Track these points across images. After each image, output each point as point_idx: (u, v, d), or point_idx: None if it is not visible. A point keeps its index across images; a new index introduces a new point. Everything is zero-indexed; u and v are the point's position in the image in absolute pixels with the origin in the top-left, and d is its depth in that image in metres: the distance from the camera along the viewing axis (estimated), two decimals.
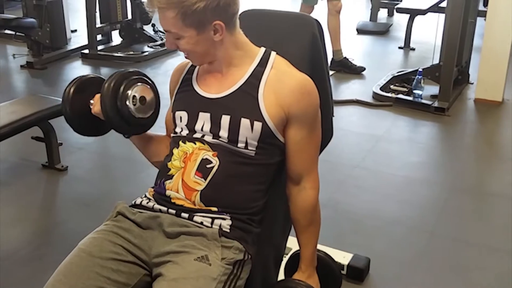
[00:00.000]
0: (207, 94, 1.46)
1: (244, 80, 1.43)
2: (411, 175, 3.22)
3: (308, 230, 1.53)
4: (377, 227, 2.67)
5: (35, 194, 3.04)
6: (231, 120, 1.41)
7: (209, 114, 1.44)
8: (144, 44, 5.65)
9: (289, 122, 1.43)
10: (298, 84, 1.42)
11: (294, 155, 1.47)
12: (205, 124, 1.44)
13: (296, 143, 1.45)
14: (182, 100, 1.51)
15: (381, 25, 6.50)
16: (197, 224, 1.39)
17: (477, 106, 4.24)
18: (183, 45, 1.41)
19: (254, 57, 1.46)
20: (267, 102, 1.40)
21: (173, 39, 1.41)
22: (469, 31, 4.27)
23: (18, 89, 4.87)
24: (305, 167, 1.48)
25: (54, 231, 2.67)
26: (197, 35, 1.37)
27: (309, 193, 1.50)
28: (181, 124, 1.48)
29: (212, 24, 1.36)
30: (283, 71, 1.44)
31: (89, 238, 1.42)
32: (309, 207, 1.51)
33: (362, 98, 4.28)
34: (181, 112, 1.49)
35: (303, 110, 1.42)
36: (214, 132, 1.43)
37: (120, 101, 1.48)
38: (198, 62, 1.49)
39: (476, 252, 2.50)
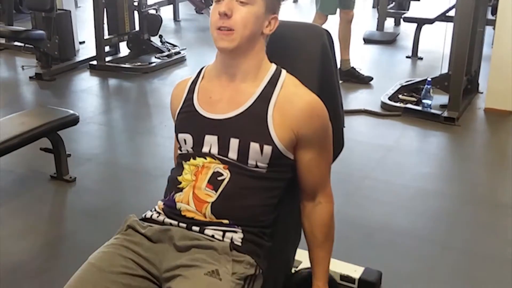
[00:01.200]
0: (212, 115, 1.43)
1: (253, 101, 1.41)
2: (422, 186, 3.19)
3: (324, 246, 1.51)
4: (388, 240, 2.64)
5: (44, 205, 3.03)
6: (240, 143, 1.39)
7: (216, 137, 1.41)
8: (151, 55, 5.66)
9: (299, 143, 1.41)
10: (308, 106, 1.40)
11: (306, 173, 1.46)
12: (213, 147, 1.41)
13: (307, 162, 1.44)
14: (185, 121, 1.49)
15: (388, 34, 6.48)
16: (208, 237, 1.37)
17: (487, 115, 4.21)
18: (244, 13, 1.36)
19: (265, 74, 1.44)
20: (276, 124, 1.38)
21: (237, 4, 1.36)
22: (478, 40, 4.25)
23: (27, 100, 4.89)
24: (318, 183, 1.47)
25: (63, 243, 2.66)
26: (263, 13, 1.39)
27: (324, 207, 1.48)
28: (186, 146, 1.46)
29: (273, 14, 1.42)
30: (292, 92, 1.42)
31: (99, 252, 1.40)
32: (325, 221, 1.49)
33: (370, 108, 4.25)
34: (185, 134, 1.46)
35: (312, 132, 1.41)
36: (222, 154, 1.41)
37: None
38: (236, 43, 1.38)
39: (489, 265, 2.46)
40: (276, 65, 1.47)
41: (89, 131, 3.99)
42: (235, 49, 1.39)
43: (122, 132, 4.18)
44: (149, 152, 3.74)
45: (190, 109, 1.48)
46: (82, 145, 3.77)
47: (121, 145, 3.94)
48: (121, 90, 5.13)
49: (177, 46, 5.87)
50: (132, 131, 4.12)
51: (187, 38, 6.83)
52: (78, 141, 3.79)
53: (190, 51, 5.82)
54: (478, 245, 2.61)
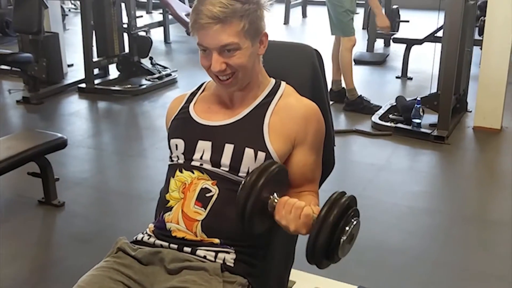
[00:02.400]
0: (207, 122, 1.44)
1: (250, 110, 1.42)
2: (413, 205, 3.18)
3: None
4: (380, 258, 2.63)
5: (32, 230, 2.99)
6: (234, 149, 1.39)
7: (210, 143, 1.41)
8: (141, 77, 5.65)
9: (295, 148, 1.42)
10: (308, 110, 1.43)
11: (298, 177, 1.45)
12: (205, 152, 1.41)
13: (301, 167, 1.44)
14: (178, 127, 1.49)
15: (378, 55, 6.55)
16: (200, 258, 1.36)
17: (476, 134, 4.23)
18: (238, 59, 1.35)
19: (264, 88, 1.46)
20: (272, 132, 1.39)
21: (225, 56, 1.34)
22: (465, 60, 4.30)
23: (14, 124, 4.85)
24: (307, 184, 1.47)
25: (52, 269, 2.61)
26: (252, 47, 1.37)
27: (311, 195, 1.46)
28: (177, 152, 1.45)
29: (262, 34, 1.40)
30: (293, 98, 1.45)
31: (89, 275, 1.38)
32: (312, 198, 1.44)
33: (361, 128, 4.27)
34: (177, 139, 1.46)
35: (310, 136, 1.42)
36: (215, 160, 1.40)
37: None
38: (243, 82, 1.40)
39: (480, 281, 2.46)
40: (275, 79, 1.48)
41: (78, 155, 3.96)
42: (243, 84, 1.42)
43: (111, 155, 4.15)
44: (140, 175, 3.71)
45: (185, 116, 1.48)
46: (71, 169, 3.74)
47: (110, 168, 3.91)
48: (110, 113, 5.12)
49: (168, 68, 5.87)
50: (122, 154, 4.10)
51: (178, 60, 6.85)
52: (66, 165, 3.75)
53: (181, 73, 5.82)
54: (469, 262, 2.61)
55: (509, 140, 4.10)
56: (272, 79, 1.49)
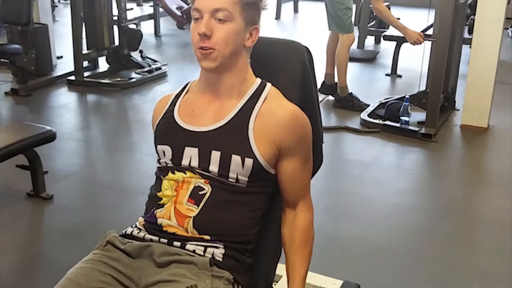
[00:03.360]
0: (193, 127, 1.43)
1: (234, 114, 1.41)
2: (400, 201, 3.21)
3: (302, 252, 1.49)
4: (366, 253, 2.66)
5: (20, 223, 2.98)
6: (221, 156, 1.38)
7: (197, 150, 1.40)
8: (131, 70, 5.62)
9: (281, 154, 1.41)
10: (290, 117, 1.41)
11: (288, 184, 1.46)
12: (193, 159, 1.40)
13: (289, 174, 1.44)
14: (163, 133, 1.48)
15: (368, 52, 6.57)
16: (189, 253, 1.37)
17: (464, 132, 4.27)
18: (224, 31, 1.35)
19: (249, 88, 1.45)
20: (257, 137, 1.38)
21: (215, 22, 1.35)
22: (455, 58, 4.33)
23: (2, 116, 4.81)
24: (299, 193, 1.48)
25: (40, 262, 2.61)
26: (243, 28, 1.38)
27: (305, 215, 1.49)
28: (165, 158, 1.45)
29: (254, 26, 1.40)
30: (276, 103, 1.43)
31: (77, 267, 1.38)
32: (305, 228, 1.49)
33: (350, 125, 4.29)
34: (164, 146, 1.45)
35: (295, 143, 1.41)
36: (203, 167, 1.40)
37: None
38: (218, 62, 1.38)
39: (465, 277, 2.50)
40: (261, 79, 1.48)
41: (66, 148, 3.95)
42: (218, 67, 1.40)
43: (100, 149, 4.14)
44: (129, 169, 3.71)
45: (170, 121, 1.47)
46: (60, 162, 3.73)
47: (99, 162, 3.90)
48: (100, 106, 5.10)
49: (158, 61, 5.85)
50: (111, 148, 4.09)
51: (168, 53, 6.82)
52: (55, 158, 3.74)
53: (171, 66, 5.81)
54: (454, 258, 2.64)
55: (496, 138, 4.15)
56: (258, 79, 1.47)
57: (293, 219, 1.49)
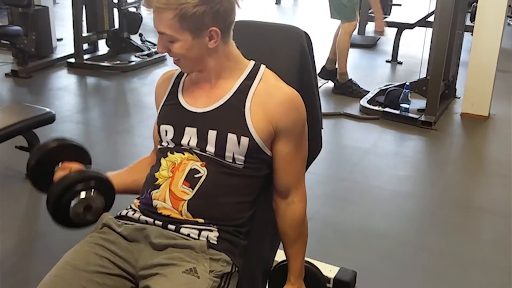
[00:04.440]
0: (193, 108, 1.44)
1: (231, 94, 1.42)
2: (398, 189, 3.22)
3: (297, 243, 1.52)
4: (363, 241, 2.66)
5: (18, 204, 2.99)
6: (217, 135, 1.39)
7: (195, 129, 1.42)
8: (131, 53, 5.62)
9: (276, 136, 1.41)
10: (286, 98, 1.41)
11: (282, 168, 1.45)
12: (192, 139, 1.42)
13: (284, 157, 1.44)
14: (167, 113, 1.49)
15: (369, 38, 6.54)
16: (183, 236, 1.37)
17: (464, 120, 4.27)
18: (177, 49, 1.37)
19: (243, 70, 1.44)
20: (254, 116, 1.39)
21: (167, 42, 1.37)
22: (456, 46, 4.31)
23: (2, 97, 4.80)
24: (292, 180, 1.47)
25: (38, 242, 2.63)
26: (192, 40, 1.35)
27: (297, 206, 1.49)
28: (166, 138, 1.46)
29: (208, 30, 1.35)
30: (271, 85, 1.43)
31: (74, 250, 1.39)
32: (297, 220, 1.50)
33: (349, 111, 4.29)
34: (167, 126, 1.46)
35: (290, 125, 1.41)
36: (201, 146, 1.41)
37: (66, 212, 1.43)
38: (189, 69, 1.46)
39: (462, 266, 2.50)
40: (254, 62, 1.47)
41: (65, 130, 3.94)
42: (194, 70, 1.45)
43: (99, 132, 4.14)
44: (127, 152, 3.71)
45: (174, 102, 1.48)
46: None
47: (98, 144, 3.90)
48: (99, 88, 5.09)
49: None
50: (110, 131, 4.09)
51: None
52: None
53: None
54: (451, 247, 2.65)
55: (496, 127, 4.15)
56: (251, 62, 1.47)
57: (285, 211, 1.49)
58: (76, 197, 1.42)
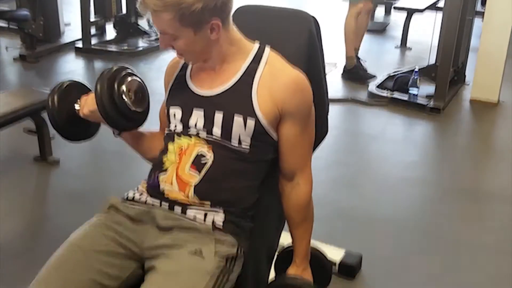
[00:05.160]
0: (201, 91, 1.44)
1: (238, 78, 1.41)
2: (406, 174, 3.21)
3: (302, 226, 1.52)
4: (370, 225, 2.66)
5: (27, 187, 3.01)
6: (224, 117, 1.39)
7: (202, 111, 1.42)
8: (138, 38, 5.61)
9: (282, 119, 1.41)
10: (292, 80, 1.40)
11: (287, 152, 1.45)
12: (199, 120, 1.42)
13: (289, 140, 1.44)
14: (176, 96, 1.49)
15: (378, 24, 6.49)
16: (190, 219, 1.38)
17: (473, 106, 4.24)
18: (180, 46, 1.37)
19: (248, 53, 1.44)
20: (260, 99, 1.38)
21: (169, 40, 1.37)
22: (466, 31, 4.27)
23: (11, 81, 4.83)
24: (298, 163, 1.47)
25: (46, 224, 2.65)
26: (194, 35, 1.34)
27: (302, 189, 1.48)
28: (175, 120, 1.47)
29: (209, 23, 1.34)
30: (277, 67, 1.42)
31: (80, 231, 1.40)
32: (303, 203, 1.50)
33: (357, 97, 4.27)
34: (175, 108, 1.47)
35: (296, 107, 1.40)
36: (207, 128, 1.41)
37: (117, 97, 1.49)
38: (193, 61, 1.47)
39: (469, 251, 2.50)
40: (259, 43, 1.46)
41: None
42: (198, 61, 1.45)
43: None
44: None
45: (183, 85, 1.49)
46: None
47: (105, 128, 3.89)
48: None
49: None
50: None
51: None
52: None
53: None
54: (458, 232, 2.64)
55: (505, 113, 4.12)
56: (255, 44, 1.46)
57: (291, 193, 1.49)
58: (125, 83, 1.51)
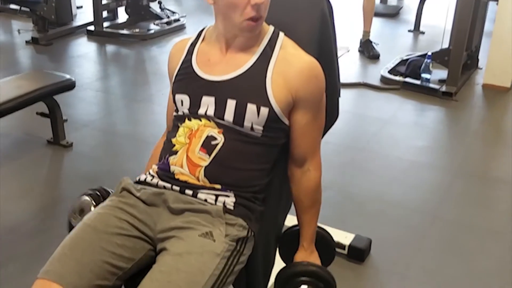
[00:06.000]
0: (210, 77, 1.43)
1: (252, 63, 1.41)
2: (416, 159, 3.21)
3: (311, 210, 1.53)
4: (380, 209, 2.67)
5: (40, 169, 3.05)
6: (237, 104, 1.39)
7: (213, 98, 1.41)
8: (150, 21, 5.60)
9: (295, 105, 1.41)
10: (306, 67, 1.40)
11: (299, 137, 1.46)
12: (209, 108, 1.41)
13: (301, 127, 1.44)
14: (182, 82, 1.48)
15: (391, 7, 6.43)
16: (201, 201, 1.39)
17: (485, 91, 4.21)
18: (265, 8, 1.37)
19: (263, 36, 1.43)
20: (274, 86, 1.38)
21: (264, 9, 1.36)
22: (480, 16, 4.22)
23: (23, 64, 4.86)
24: (309, 149, 1.48)
25: (59, 206, 2.68)
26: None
27: (312, 174, 1.49)
28: (182, 108, 1.46)
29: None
30: (291, 54, 1.42)
31: (94, 213, 1.42)
32: (312, 188, 1.51)
33: (369, 81, 4.25)
34: (182, 95, 1.46)
35: (309, 94, 1.41)
36: (218, 115, 1.40)
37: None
38: (259, 29, 1.41)
39: (479, 236, 2.50)
40: (273, 27, 1.46)
41: (85, 97, 3.98)
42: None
43: (119, 99, 4.17)
44: (146, 119, 3.74)
45: (188, 71, 1.47)
46: (79, 110, 3.77)
47: (117, 111, 3.94)
48: (118, 56, 5.10)
49: (177, 13, 5.81)
50: (129, 98, 4.12)
51: (186, 5, 6.75)
52: (74, 106, 3.78)
53: (190, 18, 5.76)
54: (468, 217, 2.65)
55: None
56: (270, 26, 1.46)
57: (300, 179, 1.50)
58: None
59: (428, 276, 2.23)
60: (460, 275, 2.24)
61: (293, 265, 1.54)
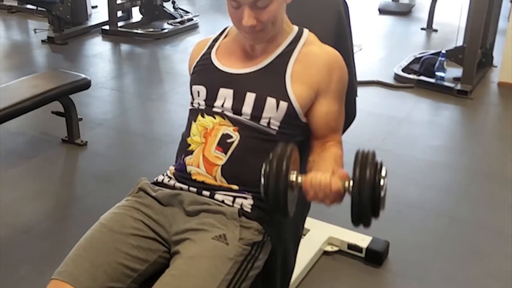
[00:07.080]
0: (230, 69, 1.43)
1: (274, 58, 1.41)
2: (432, 159, 3.18)
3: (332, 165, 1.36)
4: (396, 211, 2.65)
5: (55, 168, 3.07)
6: (256, 98, 1.38)
7: (232, 91, 1.41)
8: (164, 21, 5.63)
9: (317, 97, 1.41)
10: (331, 57, 1.42)
11: (320, 124, 1.44)
12: (227, 100, 1.41)
13: (324, 117, 1.43)
14: (200, 73, 1.48)
15: (403, 5, 6.39)
16: (218, 202, 1.38)
17: (501, 89, 4.16)
18: (268, 15, 1.33)
19: (288, 34, 1.45)
20: (295, 81, 1.38)
21: (257, 12, 1.32)
22: (494, 12, 4.18)
23: (39, 64, 4.90)
24: (331, 132, 1.45)
25: (74, 205, 2.70)
26: None
27: (336, 147, 1.44)
28: (198, 98, 1.46)
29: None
30: (315, 46, 1.44)
31: (110, 213, 1.41)
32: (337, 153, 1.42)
33: (383, 79, 4.22)
34: (199, 86, 1.46)
35: (333, 84, 1.41)
36: (236, 108, 1.40)
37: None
38: (267, 37, 1.40)
39: (497, 238, 2.47)
40: (297, 27, 1.47)
41: (100, 96, 4.00)
42: (267, 38, 1.40)
43: (133, 98, 4.19)
44: (160, 118, 3.75)
45: (207, 62, 1.48)
46: (94, 109, 3.79)
47: (132, 110, 3.95)
48: (133, 56, 5.12)
49: (190, 12, 5.82)
50: (144, 97, 4.13)
51: (200, 4, 6.77)
52: (89, 105, 3.80)
53: (203, 18, 5.77)
54: (485, 218, 2.61)
55: None
56: (295, 27, 1.47)
57: (322, 150, 1.44)
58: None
59: (447, 281, 2.20)
60: (479, 277, 2.22)
61: None
